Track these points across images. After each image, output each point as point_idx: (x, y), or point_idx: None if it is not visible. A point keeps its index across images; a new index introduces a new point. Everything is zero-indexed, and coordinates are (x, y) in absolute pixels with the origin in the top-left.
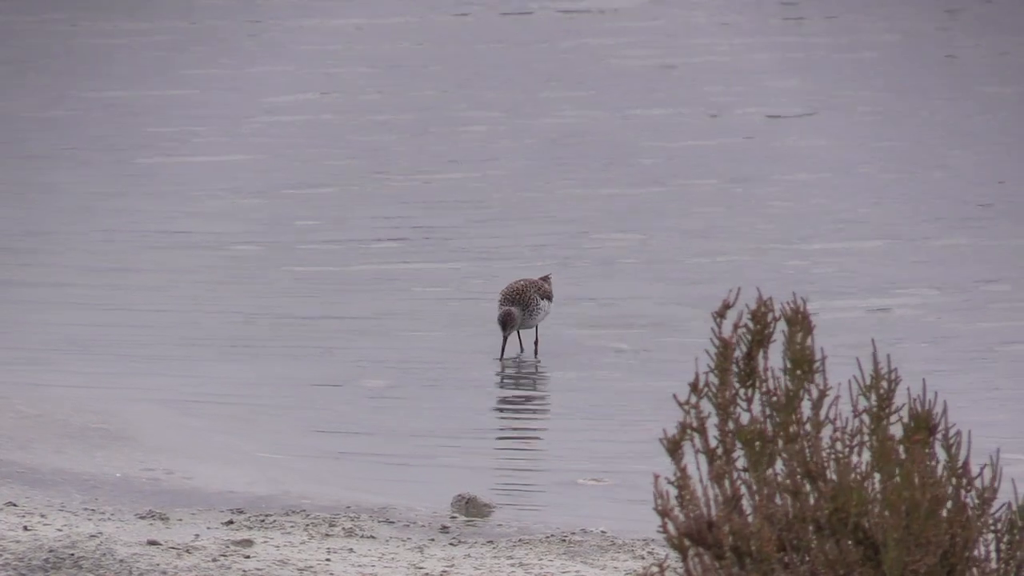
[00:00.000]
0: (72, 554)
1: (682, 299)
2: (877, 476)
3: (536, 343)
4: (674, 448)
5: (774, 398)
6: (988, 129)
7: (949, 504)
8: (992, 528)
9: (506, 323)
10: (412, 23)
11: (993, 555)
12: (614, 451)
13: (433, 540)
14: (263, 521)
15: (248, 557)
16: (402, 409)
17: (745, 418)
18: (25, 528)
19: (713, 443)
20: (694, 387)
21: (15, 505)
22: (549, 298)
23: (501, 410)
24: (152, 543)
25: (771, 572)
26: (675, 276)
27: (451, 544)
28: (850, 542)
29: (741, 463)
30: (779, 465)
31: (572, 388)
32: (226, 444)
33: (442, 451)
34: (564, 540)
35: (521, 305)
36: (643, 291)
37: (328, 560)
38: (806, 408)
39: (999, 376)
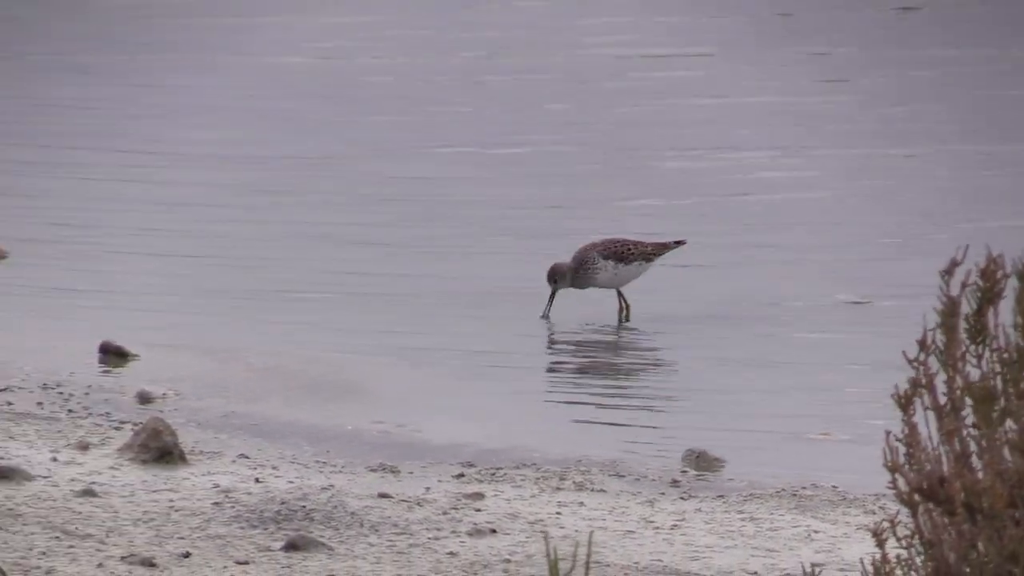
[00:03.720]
0: (303, 506)
1: (905, 253)
2: None
3: (621, 306)
4: (904, 404)
5: (1004, 355)
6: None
7: None
8: None
9: (548, 276)
10: None
11: None
12: (843, 406)
13: (664, 494)
14: (494, 475)
15: (479, 510)
16: (631, 364)
17: (975, 375)
18: (257, 480)
19: (942, 400)
20: (922, 344)
21: (247, 457)
22: (623, 260)
23: (728, 363)
24: (383, 496)
25: (1002, 528)
26: (897, 232)
27: (682, 498)
28: None
29: (971, 420)
30: (1009, 423)
31: (799, 343)
32: (456, 398)
33: (672, 405)
34: (795, 495)
35: (577, 262)
36: (867, 246)
37: (559, 513)
38: None
39: None
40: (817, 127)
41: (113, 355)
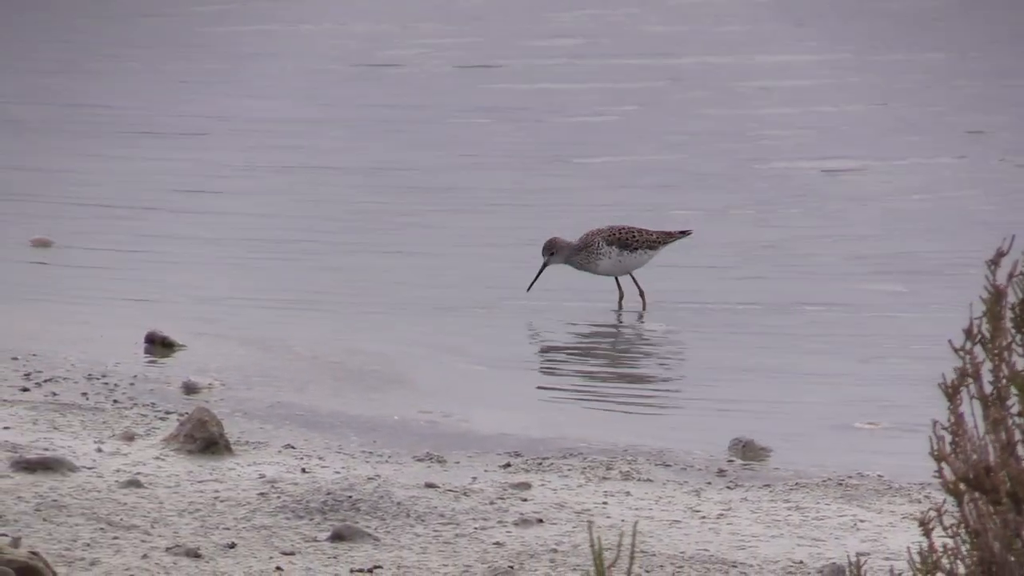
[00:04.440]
0: (350, 496)
1: (957, 245)
2: None
3: (622, 293)
4: (952, 394)
5: None
6: None
7: None
8: None
9: (543, 248)
10: None
11: None
12: (889, 395)
13: (710, 483)
14: (540, 464)
15: (525, 500)
16: (677, 353)
17: (1021, 364)
18: (303, 470)
19: (988, 389)
20: (968, 333)
21: (293, 447)
22: (628, 247)
23: (775, 353)
24: (430, 485)
25: None
26: (952, 224)
27: (728, 487)
28: None
29: (1016, 409)
30: None
31: (846, 331)
32: (503, 388)
33: (718, 395)
34: (841, 484)
35: (582, 244)
36: (919, 237)
37: (605, 503)
38: None
39: None
40: (927, 134)
41: (159, 345)
